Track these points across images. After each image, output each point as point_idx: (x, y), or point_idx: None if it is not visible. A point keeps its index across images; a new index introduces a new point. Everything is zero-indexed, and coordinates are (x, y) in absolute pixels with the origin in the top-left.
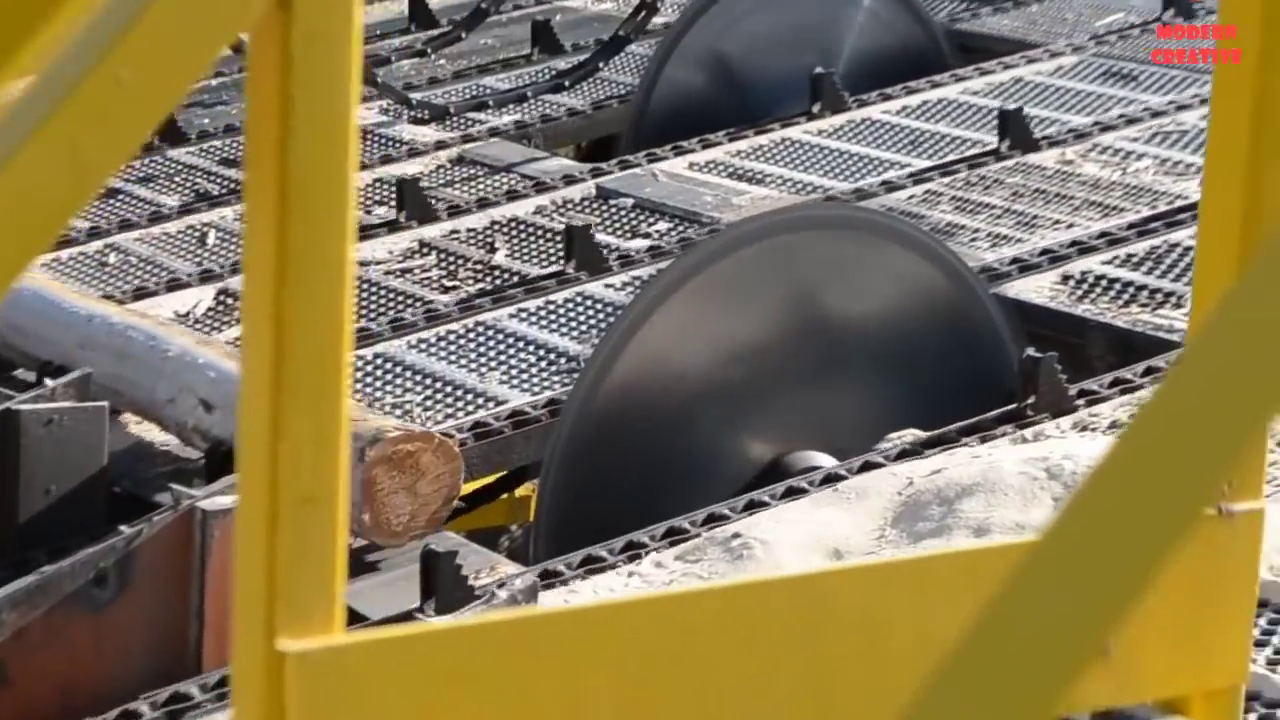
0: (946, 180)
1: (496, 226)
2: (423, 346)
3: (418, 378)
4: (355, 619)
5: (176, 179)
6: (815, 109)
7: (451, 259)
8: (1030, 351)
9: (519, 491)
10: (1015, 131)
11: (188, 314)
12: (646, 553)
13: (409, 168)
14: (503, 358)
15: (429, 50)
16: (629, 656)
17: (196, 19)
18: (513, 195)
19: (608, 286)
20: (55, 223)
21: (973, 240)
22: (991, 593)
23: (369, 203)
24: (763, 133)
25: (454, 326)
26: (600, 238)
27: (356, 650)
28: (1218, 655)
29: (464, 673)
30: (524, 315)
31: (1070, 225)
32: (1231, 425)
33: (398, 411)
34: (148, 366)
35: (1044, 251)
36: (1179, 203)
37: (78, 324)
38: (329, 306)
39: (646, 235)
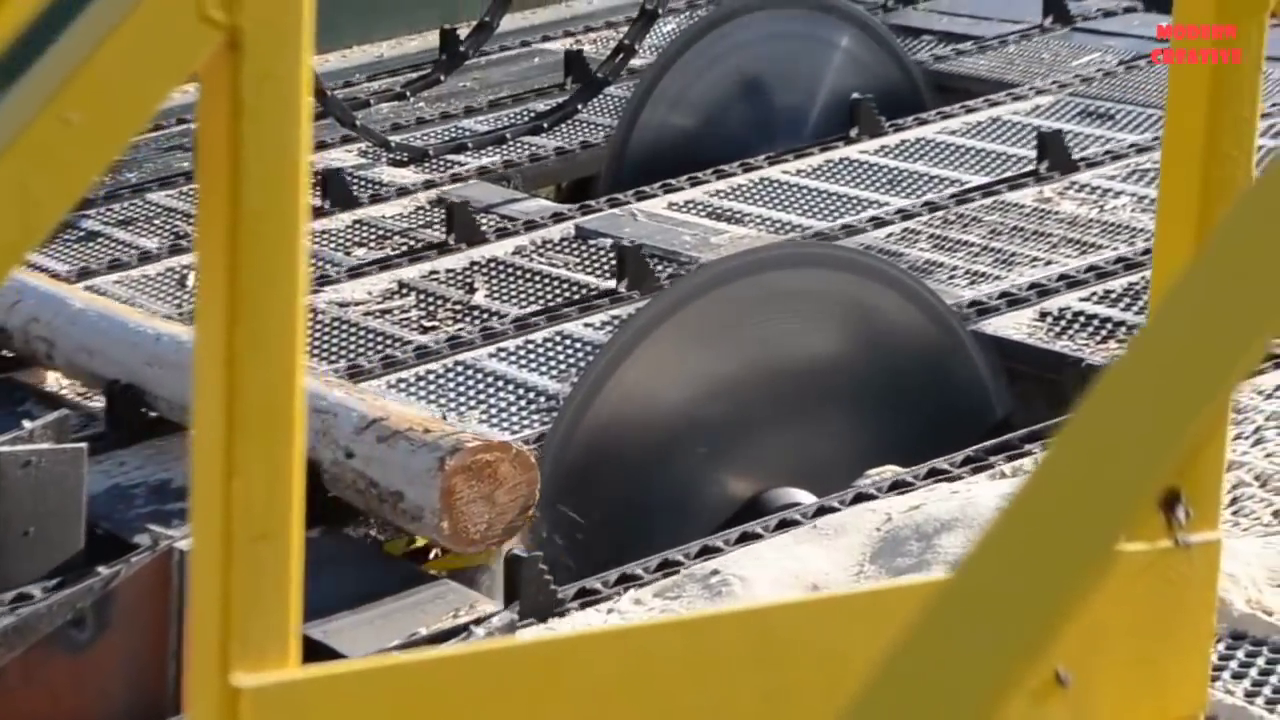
0: (925, 218)
1: (476, 267)
2: (402, 386)
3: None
4: (334, 659)
5: (156, 222)
6: (853, 133)
7: (431, 299)
8: None
9: None
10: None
11: None
12: (625, 591)
13: (388, 209)
14: (482, 396)
15: (407, 93)
16: (587, 688)
17: (145, 60)
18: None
19: (587, 325)
20: (4, 263)
21: (951, 278)
22: (901, 630)
23: (349, 244)
24: (727, 176)
25: (434, 366)
26: (579, 278)
27: (311, 684)
28: (1176, 686)
29: (419, 706)
30: (504, 354)
31: (1048, 263)
32: (1138, 464)
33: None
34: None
35: (1023, 288)
36: None
37: (145, 343)
38: (281, 345)
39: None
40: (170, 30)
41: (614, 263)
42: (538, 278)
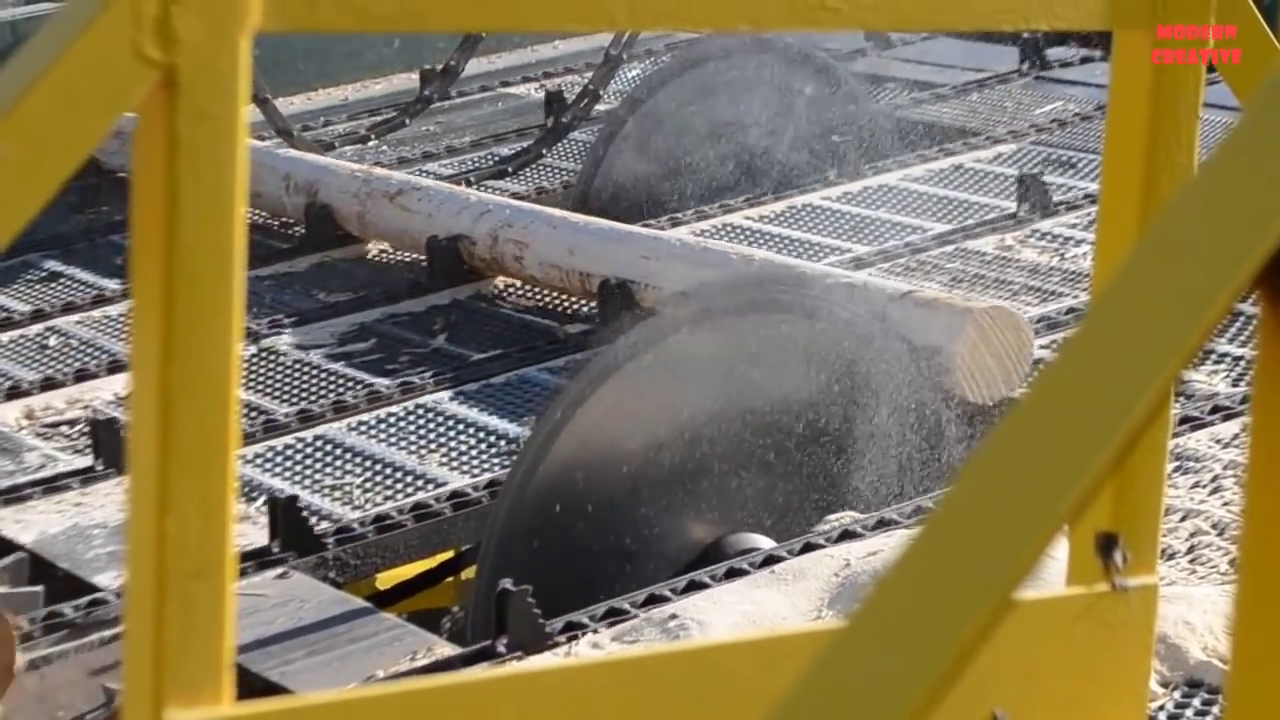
0: (886, 265)
1: (436, 311)
2: (363, 428)
3: (358, 459)
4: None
5: (117, 261)
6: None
7: (391, 342)
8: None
9: (464, 574)
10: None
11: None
12: (584, 633)
13: (352, 250)
14: (442, 439)
15: (372, 135)
16: None
17: (80, 98)
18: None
19: (542, 370)
20: None
21: None
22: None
23: (309, 287)
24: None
25: (394, 409)
26: (541, 322)
27: None
28: None
29: None
30: (464, 397)
31: None
32: (1040, 502)
33: (337, 493)
34: (726, 261)
35: None
36: None
37: (641, 240)
38: (215, 383)
39: (587, 320)
40: (106, 68)
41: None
42: (498, 321)
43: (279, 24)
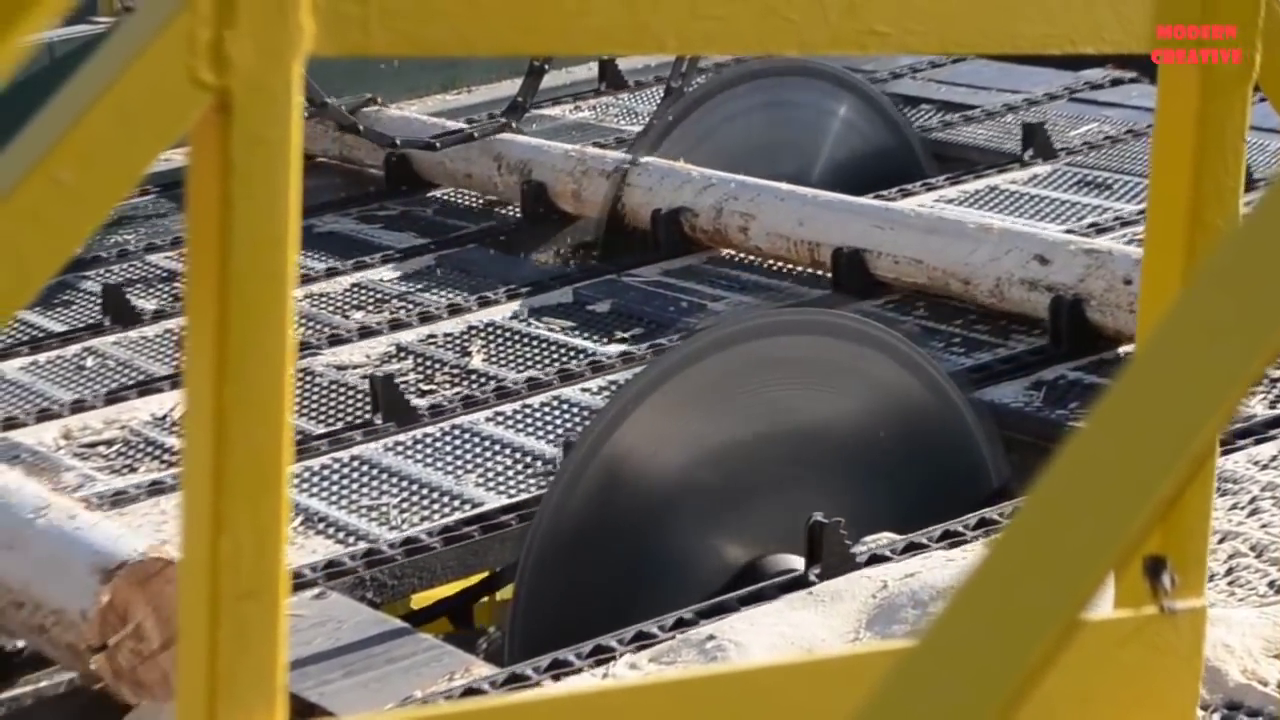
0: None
1: (473, 331)
2: (399, 449)
3: (394, 480)
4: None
5: (155, 284)
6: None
7: (428, 363)
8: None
9: (500, 595)
10: None
11: (165, 416)
12: (619, 655)
13: (385, 273)
14: (479, 460)
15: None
16: None
17: (136, 122)
18: (485, 302)
19: (584, 390)
20: None
21: (948, 346)
22: (867, 694)
23: (347, 307)
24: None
25: (430, 429)
26: (576, 342)
27: None
28: None
29: None
30: (500, 419)
31: (1044, 331)
32: (1105, 527)
33: (374, 514)
34: (962, 232)
35: (1020, 355)
36: None
37: (872, 210)
38: (268, 405)
39: (622, 340)
40: (161, 92)
41: (609, 327)
42: (535, 341)
43: (331, 48)
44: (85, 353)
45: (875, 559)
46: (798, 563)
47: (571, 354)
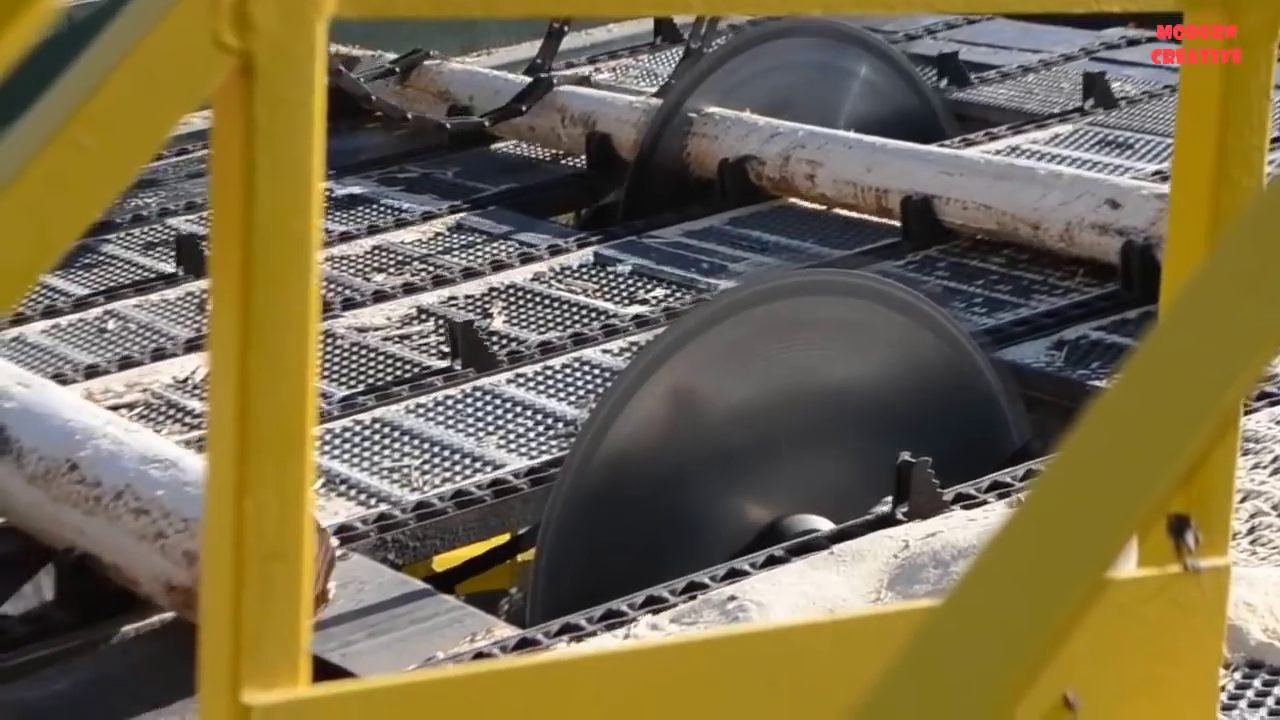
0: (943, 246)
1: (494, 293)
2: (420, 411)
3: (415, 442)
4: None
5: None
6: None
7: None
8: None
9: (521, 557)
10: None
11: (186, 379)
12: (631, 619)
13: (406, 235)
14: (500, 422)
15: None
16: (601, 708)
17: (158, 85)
18: (499, 266)
19: (605, 352)
20: (18, 287)
21: (969, 305)
22: (895, 653)
23: (368, 269)
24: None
25: (452, 391)
26: (598, 304)
27: (322, 703)
28: (1185, 710)
29: None
30: (521, 380)
31: (1066, 291)
32: (1133, 486)
33: (395, 475)
34: (1032, 177)
35: (1041, 316)
36: None
37: (940, 158)
38: (293, 367)
39: (644, 301)
40: (183, 55)
41: (631, 288)
42: (556, 303)
43: (354, 10)
44: (106, 316)
45: (960, 498)
46: (820, 523)
47: (592, 315)
